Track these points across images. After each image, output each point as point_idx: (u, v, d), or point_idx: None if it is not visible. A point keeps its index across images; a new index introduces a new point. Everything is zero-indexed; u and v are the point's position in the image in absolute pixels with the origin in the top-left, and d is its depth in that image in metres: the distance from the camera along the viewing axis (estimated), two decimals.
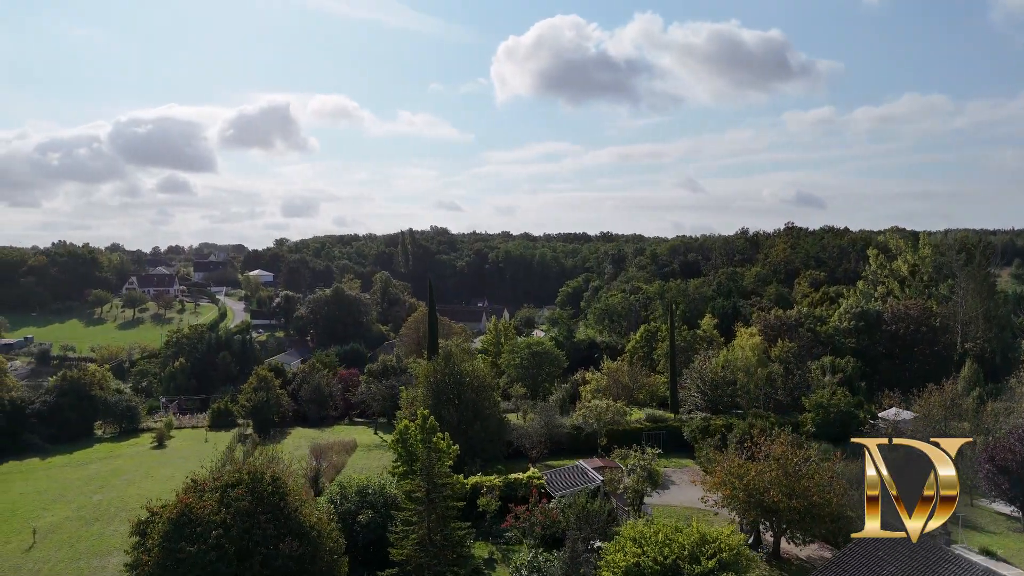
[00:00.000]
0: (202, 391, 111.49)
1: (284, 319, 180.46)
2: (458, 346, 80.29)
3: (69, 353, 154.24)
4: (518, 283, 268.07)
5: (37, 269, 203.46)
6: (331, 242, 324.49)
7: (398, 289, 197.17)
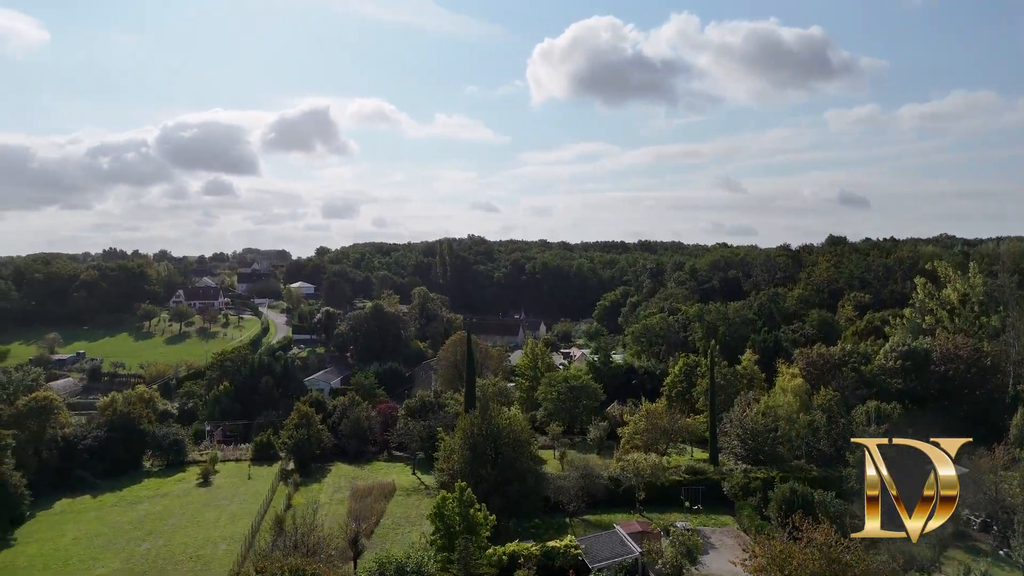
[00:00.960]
0: (245, 415, 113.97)
1: (325, 335, 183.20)
2: (495, 386, 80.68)
3: (119, 370, 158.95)
4: (555, 294, 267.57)
5: (89, 283, 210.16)
6: (370, 252, 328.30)
7: (436, 304, 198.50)
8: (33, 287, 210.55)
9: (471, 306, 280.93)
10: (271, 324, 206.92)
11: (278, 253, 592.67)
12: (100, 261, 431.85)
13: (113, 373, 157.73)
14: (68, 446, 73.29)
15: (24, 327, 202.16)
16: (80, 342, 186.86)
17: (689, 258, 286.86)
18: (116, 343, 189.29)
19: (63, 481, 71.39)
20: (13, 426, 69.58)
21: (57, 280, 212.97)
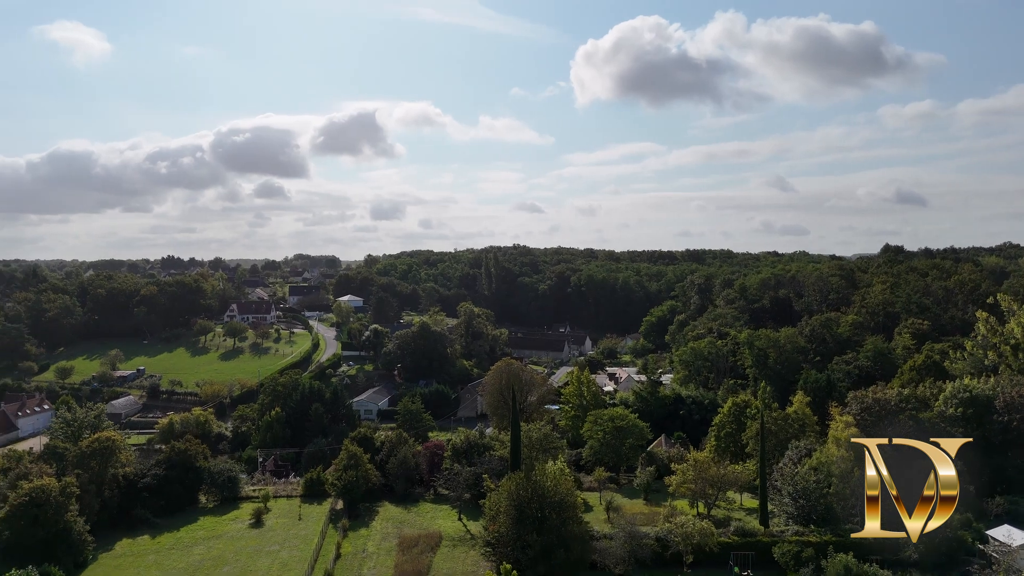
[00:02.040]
0: (296, 441, 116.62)
1: (373, 352, 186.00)
2: (539, 431, 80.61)
3: (176, 388, 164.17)
4: (601, 307, 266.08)
5: (148, 299, 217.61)
6: (417, 263, 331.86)
7: (481, 321, 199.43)
8: (96, 302, 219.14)
9: (516, 318, 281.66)
10: (321, 339, 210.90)
11: (327, 260, 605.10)
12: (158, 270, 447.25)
13: (171, 391, 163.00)
14: (129, 485, 76.06)
15: (88, 340, 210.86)
16: (140, 357, 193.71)
17: (739, 269, 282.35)
18: (174, 358, 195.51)
19: (123, 519, 74.13)
20: (77, 466, 72.59)
21: (119, 295, 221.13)
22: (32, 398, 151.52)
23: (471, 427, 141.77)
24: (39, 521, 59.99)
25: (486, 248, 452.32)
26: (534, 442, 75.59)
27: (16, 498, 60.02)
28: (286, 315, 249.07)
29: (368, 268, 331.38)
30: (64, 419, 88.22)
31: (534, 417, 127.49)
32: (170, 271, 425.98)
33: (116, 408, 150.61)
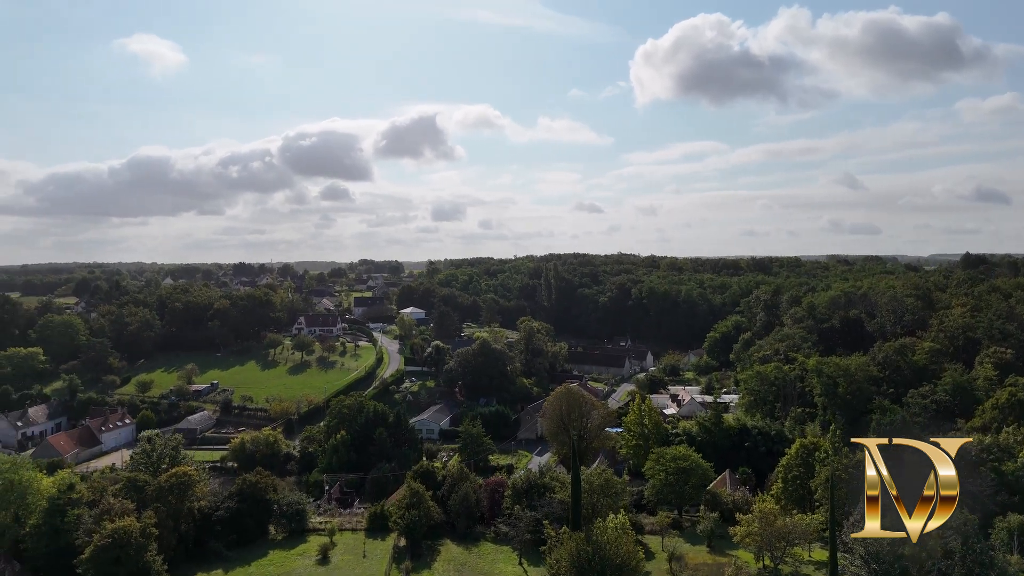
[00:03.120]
0: (361, 465, 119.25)
1: (435, 368, 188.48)
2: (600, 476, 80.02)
3: (247, 403, 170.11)
4: (662, 320, 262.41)
5: (221, 312, 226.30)
6: (478, 274, 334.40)
7: (541, 338, 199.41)
8: (174, 315, 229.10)
9: (576, 330, 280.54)
10: (385, 353, 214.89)
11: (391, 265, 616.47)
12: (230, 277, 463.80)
13: (243, 406, 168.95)
14: (203, 518, 79.26)
15: (166, 352, 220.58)
16: (214, 371, 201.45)
17: (807, 280, 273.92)
18: (245, 372, 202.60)
19: (198, 553, 77.32)
20: (156, 500, 76.05)
21: (194, 309, 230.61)
22: (114, 412, 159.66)
23: (531, 450, 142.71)
24: (121, 561, 63.17)
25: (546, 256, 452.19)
26: (595, 488, 75.19)
27: (100, 539, 63.36)
28: (351, 327, 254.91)
29: (430, 279, 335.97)
30: (144, 450, 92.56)
31: (595, 442, 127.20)
32: (241, 278, 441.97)
33: (191, 423, 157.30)
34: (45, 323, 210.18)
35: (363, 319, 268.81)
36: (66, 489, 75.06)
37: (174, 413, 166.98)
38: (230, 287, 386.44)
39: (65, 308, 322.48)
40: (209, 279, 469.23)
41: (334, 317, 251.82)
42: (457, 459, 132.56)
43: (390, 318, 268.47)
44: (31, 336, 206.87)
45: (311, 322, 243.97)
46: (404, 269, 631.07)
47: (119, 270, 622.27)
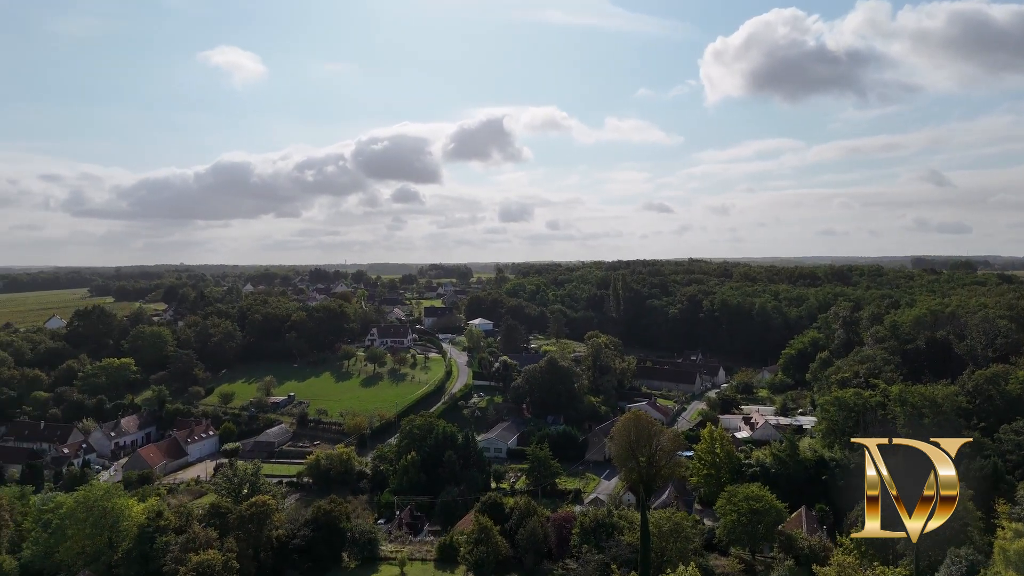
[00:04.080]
0: (431, 486, 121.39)
1: (503, 384, 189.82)
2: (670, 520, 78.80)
3: (323, 417, 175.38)
4: (735, 334, 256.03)
5: (298, 324, 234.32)
6: (545, 283, 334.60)
7: (609, 354, 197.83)
8: (254, 326, 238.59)
9: (644, 341, 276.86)
10: (454, 366, 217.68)
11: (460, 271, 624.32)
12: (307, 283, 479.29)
13: (318, 420, 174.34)
14: (281, 546, 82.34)
15: (246, 362, 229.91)
16: (291, 382, 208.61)
17: (890, 291, 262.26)
18: (320, 383, 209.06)
19: None
20: (237, 528, 79.47)
21: (273, 320, 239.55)
22: (199, 424, 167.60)
23: (599, 473, 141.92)
24: None
25: (614, 263, 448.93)
26: (664, 533, 74.15)
27: (185, 572, 66.70)
28: (421, 338, 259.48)
29: (497, 288, 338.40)
30: (226, 475, 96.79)
31: (664, 470, 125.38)
32: (317, 285, 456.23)
33: (269, 437, 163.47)
34: (137, 334, 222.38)
35: (433, 330, 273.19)
36: (155, 516, 79.29)
37: (253, 425, 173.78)
38: (307, 294, 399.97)
39: (154, 315, 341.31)
40: (287, 285, 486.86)
41: (405, 328, 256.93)
42: (524, 481, 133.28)
43: (459, 328, 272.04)
44: (124, 347, 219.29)
45: (383, 333, 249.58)
46: (472, 274, 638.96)
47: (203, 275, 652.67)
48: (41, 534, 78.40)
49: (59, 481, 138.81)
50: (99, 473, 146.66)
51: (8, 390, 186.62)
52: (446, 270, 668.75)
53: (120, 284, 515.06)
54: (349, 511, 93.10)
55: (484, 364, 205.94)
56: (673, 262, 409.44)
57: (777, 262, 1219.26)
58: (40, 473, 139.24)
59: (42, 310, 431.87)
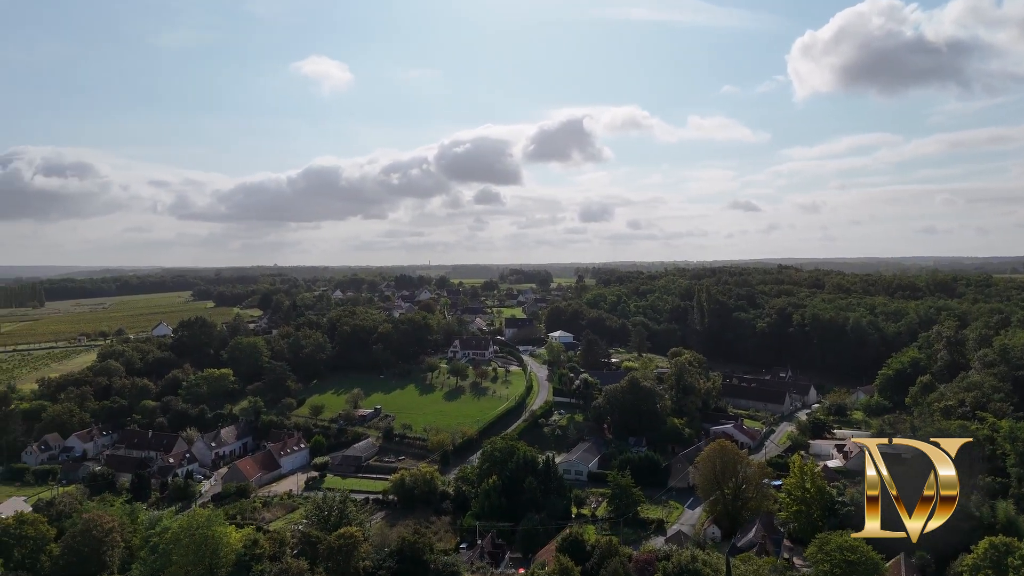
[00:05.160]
0: (512, 512, 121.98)
1: (583, 402, 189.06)
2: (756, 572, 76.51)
3: (407, 432, 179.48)
4: (827, 350, 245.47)
5: (384, 336, 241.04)
6: (626, 293, 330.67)
7: (693, 373, 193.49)
8: (343, 337, 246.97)
9: (730, 355, 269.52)
10: (534, 380, 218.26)
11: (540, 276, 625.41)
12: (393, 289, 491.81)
13: (403, 435, 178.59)
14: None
15: (335, 372, 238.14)
16: (377, 393, 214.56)
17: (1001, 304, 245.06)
18: (405, 396, 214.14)
19: None
20: (326, 559, 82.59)
21: (360, 332, 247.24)
22: (291, 437, 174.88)
23: (683, 501, 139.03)
24: None
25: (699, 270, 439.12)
26: None
27: None
28: (502, 350, 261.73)
29: (578, 298, 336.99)
30: (317, 505, 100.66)
31: (751, 503, 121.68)
32: (402, 292, 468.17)
33: (356, 451, 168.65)
34: (235, 344, 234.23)
35: (513, 341, 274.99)
36: (251, 544, 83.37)
37: (342, 438, 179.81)
38: (392, 301, 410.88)
39: (250, 321, 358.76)
40: (373, 291, 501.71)
41: (486, 340, 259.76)
42: (606, 508, 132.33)
43: (539, 340, 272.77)
44: (223, 356, 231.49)
45: (465, 345, 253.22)
46: (552, 279, 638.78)
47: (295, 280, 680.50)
48: (148, 556, 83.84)
49: (165, 491, 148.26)
50: (200, 483, 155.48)
51: (120, 399, 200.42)
52: (526, 275, 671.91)
53: (220, 289, 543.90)
54: (432, 541, 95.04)
55: (564, 380, 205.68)
56: (761, 270, 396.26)
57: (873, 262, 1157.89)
58: (147, 483, 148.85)
59: (151, 314, 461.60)
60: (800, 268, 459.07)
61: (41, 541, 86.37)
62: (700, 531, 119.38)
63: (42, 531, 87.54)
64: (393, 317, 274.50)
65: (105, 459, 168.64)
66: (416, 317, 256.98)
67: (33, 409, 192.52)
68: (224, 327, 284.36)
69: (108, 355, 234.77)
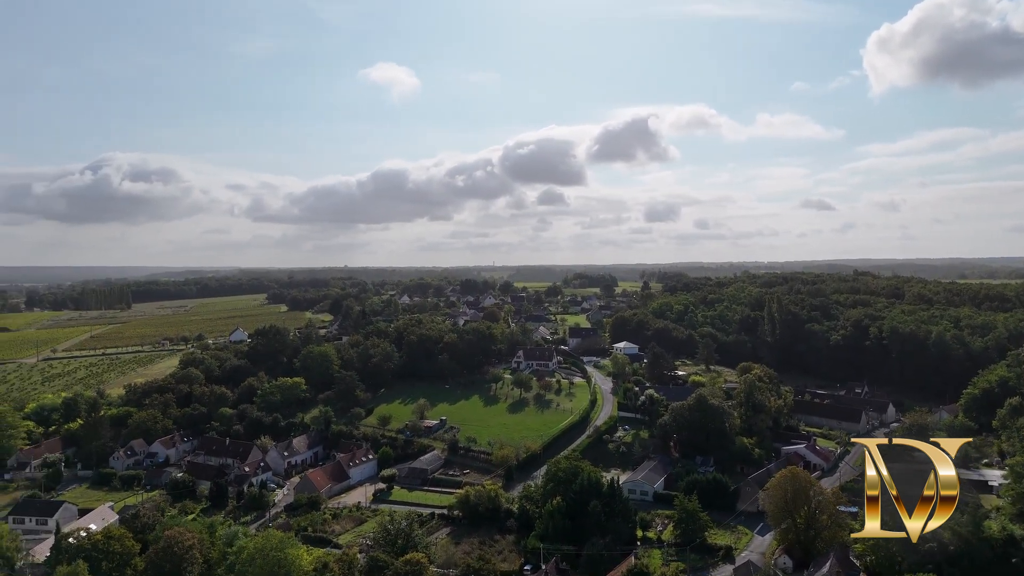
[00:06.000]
0: (576, 535, 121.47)
1: (649, 418, 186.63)
2: None
3: (472, 445, 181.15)
4: (907, 365, 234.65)
5: (450, 346, 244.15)
6: (693, 303, 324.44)
7: (763, 389, 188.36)
8: (409, 347, 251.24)
9: (803, 367, 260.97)
10: (598, 394, 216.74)
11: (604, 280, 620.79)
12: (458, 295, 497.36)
13: (467, 448, 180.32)
14: None
15: (402, 381, 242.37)
16: (442, 404, 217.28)
17: None
18: (469, 407, 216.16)
19: None
20: None
21: (426, 341, 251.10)
22: (360, 448, 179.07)
23: (752, 526, 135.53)
24: None
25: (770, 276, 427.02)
26: None
27: None
28: (566, 360, 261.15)
29: (643, 307, 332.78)
30: (384, 527, 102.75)
31: (824, 531, 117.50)
32: (467, 298, 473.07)
33: (423, 464, 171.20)
34: (307, 353, 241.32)
35: (577, 352, 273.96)
36: (321, 568, 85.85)
37: (408, 450, 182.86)
38: (458, 307, 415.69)
39: (321, 327, 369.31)
40: (439, 296, 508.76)
41: (550, 351, 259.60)
42: (672, 531, 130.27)
43: (603, 351, 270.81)
44: (295, 365, 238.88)
45: (529, 355, 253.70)
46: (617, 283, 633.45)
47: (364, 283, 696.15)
48: (226, 574, 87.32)
49: (241, 499, 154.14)
50: (274, 492, 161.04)
51: (200, 406, 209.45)
52: (591, 279, 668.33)
53: (293, 293, 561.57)
54: (497, 563, 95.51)
55: (629, 395, 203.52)
56: (836, 278, 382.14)
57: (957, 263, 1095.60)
58: (225, 491, 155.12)
59: (228, 318, 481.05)
60: (878, 275, 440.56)
61: (126, 556, 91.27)
62: (771, 561, 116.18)
63: (127, 546, 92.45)
64: (458, 326, 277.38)
65: (186, 466, 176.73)
66: (481, 327, 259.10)
67: (120, 415, 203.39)
68: (296, 335, 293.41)
69: (189, 362, 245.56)
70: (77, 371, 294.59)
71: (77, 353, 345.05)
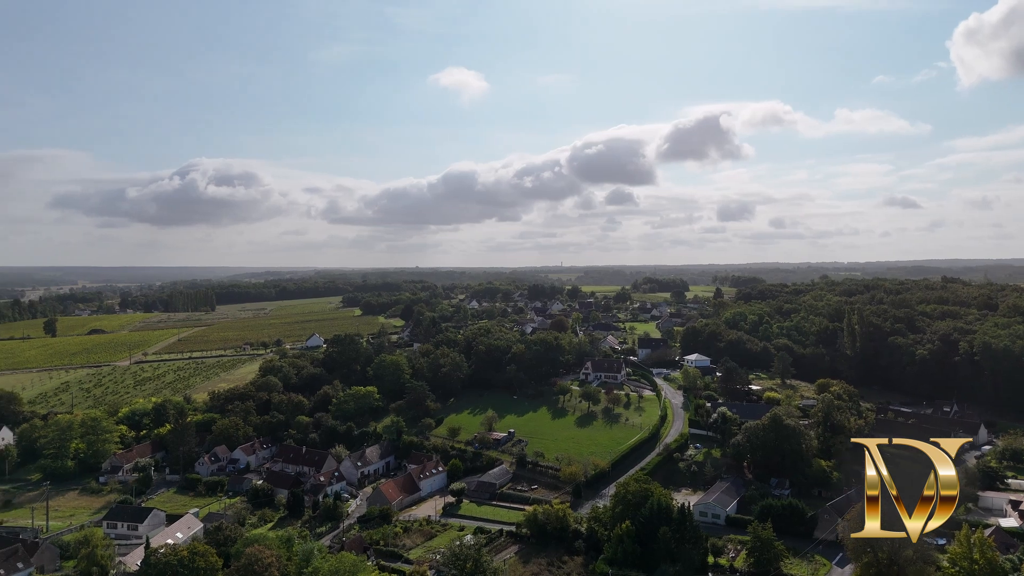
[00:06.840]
0: (645, 561, 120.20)
1: (721, 436, 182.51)
2: None
3: (540, 460, 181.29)
4: (1001, 383, 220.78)
5: (518, 356, 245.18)
6: (768, 313, 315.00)
7: (843, 408, 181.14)
8: (478, 357, 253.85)
9: (885, 382, 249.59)
10: (668, 408, 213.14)
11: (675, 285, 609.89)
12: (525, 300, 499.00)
13: (535, 462, 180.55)
14: None
15: (470, 390, 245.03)
16: (510, 416, 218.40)
17: None
18: (537, 420, 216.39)
19: None
20: None
21: (494, 351, 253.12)
22: (430, 460, 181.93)
23: (831, 556, 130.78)
24: None
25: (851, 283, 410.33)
26: None
27: None
28: (635, 372, 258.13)
29: (715, 316, 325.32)
30: (453, 551, 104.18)
31: (909, 566, 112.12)
32: (535, 304, 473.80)
33: (491, 478, 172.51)
34: (379, 362, 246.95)
35: (646, 363, 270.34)
36: None
37: (477, 462, 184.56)
38: (525, 314, 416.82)
39: (392, 332, 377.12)
40: (507, 301, 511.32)
41: (619, 363, 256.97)
42: (744, 558, 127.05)
43: (673, 363, 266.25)
44: (368, 373, 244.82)
45: (597, 367, 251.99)
46: (688, 288, 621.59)
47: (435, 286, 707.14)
48: None
49: (316, 509, 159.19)
50: (348, 502, 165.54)
51: (278, 414, 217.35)
52: (660, 283, 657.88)
53: (366, 298, 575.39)
54: None
55: (701, 411, 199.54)
56: (922, 286, 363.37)
57: None
58: (301, 501, 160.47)
59: (305, 322, 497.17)
60: (968, 281, 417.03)
61: (210, 571, 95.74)
62: None
63: (211, 562, 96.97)
64: (526, 336, 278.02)
65: (265, 473, 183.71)
66: (548, 337, 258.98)
67: (205, 421, 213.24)
68: (369, 343, 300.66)
69: (268, 370, 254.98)
70: (166, 375, 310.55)
71: (166, 356, 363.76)
